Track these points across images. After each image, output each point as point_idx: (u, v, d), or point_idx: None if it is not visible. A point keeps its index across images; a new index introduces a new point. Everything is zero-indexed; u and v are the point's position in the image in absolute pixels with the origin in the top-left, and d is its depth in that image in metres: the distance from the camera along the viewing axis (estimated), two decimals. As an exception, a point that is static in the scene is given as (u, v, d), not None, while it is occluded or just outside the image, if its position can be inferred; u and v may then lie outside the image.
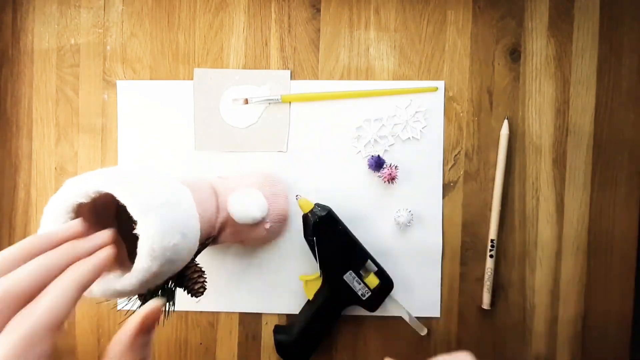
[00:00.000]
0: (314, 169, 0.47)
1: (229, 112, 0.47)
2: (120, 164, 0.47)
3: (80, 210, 0.28)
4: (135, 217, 0.27)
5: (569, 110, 0.47)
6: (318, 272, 0.44)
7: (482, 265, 0.47)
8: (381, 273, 0.44)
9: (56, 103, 0.47)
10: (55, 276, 0.22)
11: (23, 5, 0.47)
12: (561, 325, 0.47)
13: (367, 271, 0.44)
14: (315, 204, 0.43)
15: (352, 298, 0.44)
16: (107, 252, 0.25)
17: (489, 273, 0.46)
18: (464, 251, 0.47)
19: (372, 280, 0.43)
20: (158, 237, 0.27)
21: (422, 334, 0.46)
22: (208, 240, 0.40)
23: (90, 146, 0.47)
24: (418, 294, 0.47)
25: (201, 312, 0.47)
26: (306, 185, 0.46)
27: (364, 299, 0.43)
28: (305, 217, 0.43)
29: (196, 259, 0.38)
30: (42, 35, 0.47)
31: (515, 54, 0.47)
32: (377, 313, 0.46)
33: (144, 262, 0.27)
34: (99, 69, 0.47)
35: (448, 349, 0.49)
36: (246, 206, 0.40)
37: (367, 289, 0.43)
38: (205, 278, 0.38)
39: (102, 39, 0.47)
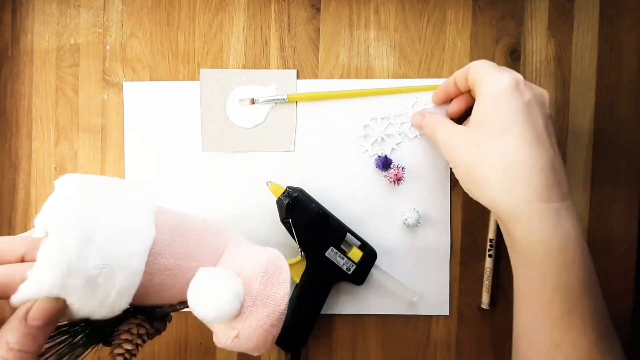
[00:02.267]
0: (320, 168, 0.47)
1: (236, 112, 0.47)
2: (127, 167, 0.47)
3: None
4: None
5: (569, 110, 0.47)
6: (300, 255, 0.44)
7: (482, 265, 0.47)
8: (363, 245, 0.44)
9: (56, 103, 0.47)
10: None
11: (23, 5, 0.47)
12: (561, 325, 0.47)
13: (349, 246, 0.44)
14: (287, 187, 0.43)
15: (338, 274, 0.44)
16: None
17: (489, 273, 0.46)
18: (463, 251, 0.47)
19: (356, 254, 0.44)
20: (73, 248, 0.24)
21: (413, 300, 0.45)
22: (179, 305, 0.33)
23: (90, 146, 0.47)
24: (427, 293, 0.47)
25: (201, 312, 0.47)
26: (313, 184, 0.46)
27: (349, 273, 0.44)
28: (278, 202, 0.43)
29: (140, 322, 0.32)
30: (41, 35, 0.47)
31: (515, 54, 0.47)
32: (375, 311, 0.46)
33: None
34: (99, 69, 0.47)
35: (448, 348, 0.49)
36: (203, 303, 0.30)
37: (351, 262, 0.43)
38: (136, 350, 0.32)
39: (102, 38, 0.47)
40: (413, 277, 0.47)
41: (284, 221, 0.43)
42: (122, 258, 0.26)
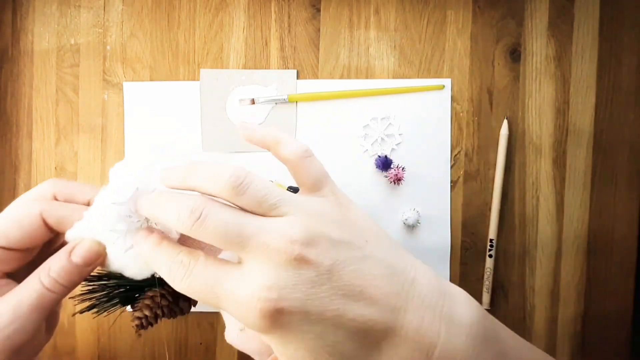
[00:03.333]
0: (320, 168, 0.47)
1: (236, 112, 0.47)
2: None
3: None
4: None
5: (569, 110, 0.47)
6: None
7: (482, 265, 0.47)
8: None
9: (56, 103, 0.47)
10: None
11: (23, 5, 0.47)
12: (561, 325, 0.47)
13: None
14: (288, 186, 0.43)
15: None
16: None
17: (489, 273, 0.46)
18: (463, 251, 0.47)
19: None
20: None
21: None
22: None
23: (90, 146, 0.47)
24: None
25: (201, 312, 0.47)
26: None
27: None
28: None
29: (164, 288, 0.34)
30: (42, 35, 0.47)
31: (515, 54, 0.47)
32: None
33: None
34: (99, 69, 0.47)
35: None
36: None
37: None
38: (153, 319, 0.34)
39: (102, 38, 0.47)
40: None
41: None
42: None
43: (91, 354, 0.47)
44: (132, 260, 0.26)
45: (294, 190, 0.43)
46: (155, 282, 0.32)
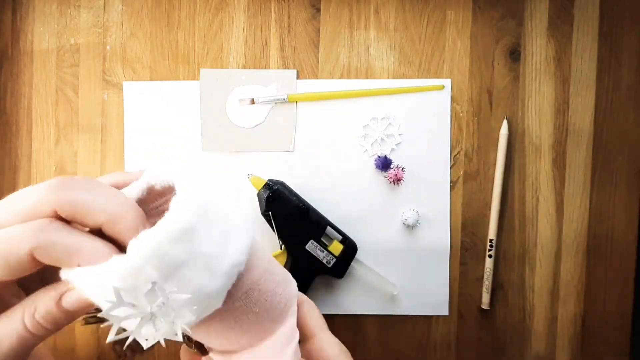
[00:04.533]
0: (320, 168, 0.47)
1: (236, 112, 0.47)
2: (127, 167, 0.47)
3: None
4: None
5: (569, 110, 0.47)
6: (280, 248, 0.44)
7: (482, 265, 0.47)
8: (344, 239, 0.44)
9: (56, 103, 0.47)
10: None
11: (23, 5, 0.47)
12: (561, 325, 0.47)
13: (331, 239, 0.44)
14: (268, 180, 0.43)
15: (318, 267, 0.44)
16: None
17: (488, 273, 0.46)
18: (463, 251, 0.47)
19: (336, 247, 0.44)
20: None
21: (394, 293, 0.46)
22: None
23: (90, 146, 0.47)
24: (426, 293, 0.47)
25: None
26: (313, 184, 0.46)
27: (329, 266, 0.44)
28: (258, 194, 0.43)
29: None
30: (42, 35, 0.47)
31: (515, 54, 0.47)
32: (375, 311, 0.46)
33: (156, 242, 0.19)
34: (99, 69, 0.47)
35: (448, 349, 0.49)
36: None
37: (331, 255, 0.44)
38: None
39: (102, 39, 0.47)
40: (412, 278, 0.47)
41: (264, 214, 0.43)
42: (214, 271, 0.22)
43: (91, 354, 0.47)
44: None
45: (274, 183, 0.43)
46: None
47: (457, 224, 0.47)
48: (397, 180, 0.45)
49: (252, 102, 0.46)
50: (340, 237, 0.44)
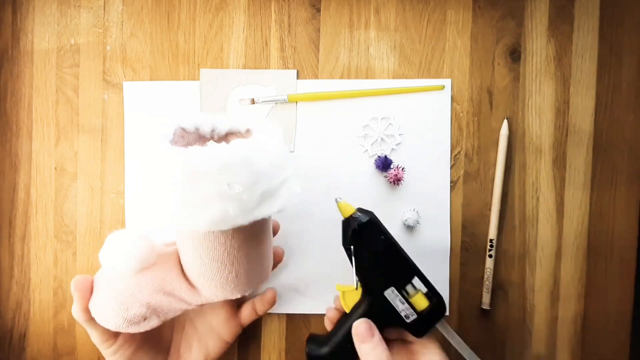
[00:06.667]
0: (321, 168, 0.47)
1: (236, 112, 0.47)
2: (127, 167, 0.47)
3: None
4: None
5: (569, 110, 0.47)
6: (354, 284, 0.38)
7: (482, 265, 0.47)
8: (432, 294, 0.38)
9: (56, 103, 0.47)
10: None
11: (23, 5, 0.47)
12: (561, 325, 0.47)
13: (415, 290, 0.38)
14: (357, 209, 0.38)
15: (394, 319, 0.38)
16: None
17: (489, 273, 0.46)
18: (463, 251, 0.47)
19: (420, 301, 0.37)
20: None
21: None
22: None
23: (90, 146, 0.47)
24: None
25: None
26: (313, 184, 0.46)
27: (407, 321, 0.38)
28: (344, 223, 0.38)
29: None
30: (42, 35, 0.47)
31: (515, 54, 0.47)
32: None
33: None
34: (99, 69, 0.47)
35: (448, 349, 0.49)
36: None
37: (412, 310, 0.37)
38: None
39: (102, 39, 0.47)
40: (413, 277, 0.47)
41: (346, 247, 0.38)
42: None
43: (91, 354, 0.47)
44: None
45: (365, 213, 0.38)
46: None
47: (457, 224, 0.47)
48: (397, 181, 0.45)
49: (252, 102, 0.46)
50: (425, 290, 0.38)
